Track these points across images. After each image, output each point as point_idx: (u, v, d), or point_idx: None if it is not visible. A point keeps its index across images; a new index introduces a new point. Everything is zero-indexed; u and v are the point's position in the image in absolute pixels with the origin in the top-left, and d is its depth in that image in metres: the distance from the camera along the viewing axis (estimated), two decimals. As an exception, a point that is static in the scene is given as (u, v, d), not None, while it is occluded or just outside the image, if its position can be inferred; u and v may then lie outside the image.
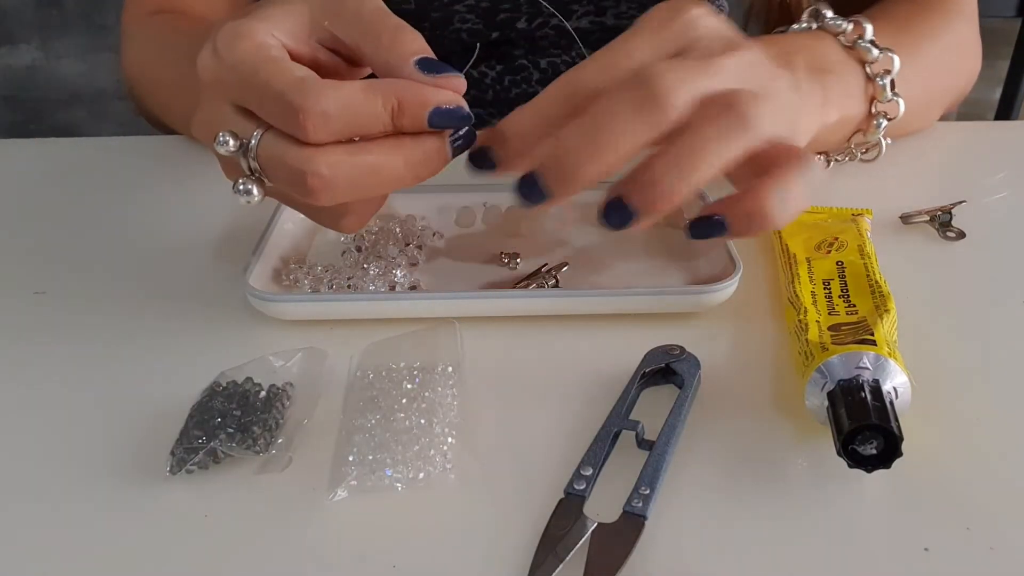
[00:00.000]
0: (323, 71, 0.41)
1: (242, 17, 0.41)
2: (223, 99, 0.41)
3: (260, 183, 0.41)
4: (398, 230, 0.54)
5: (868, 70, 0.54)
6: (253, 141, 0.39)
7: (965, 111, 0.69)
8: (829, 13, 0.54)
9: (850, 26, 0.53)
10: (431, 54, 0.40)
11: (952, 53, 0.64)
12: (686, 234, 0.41)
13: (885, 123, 0.55)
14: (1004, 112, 1.21)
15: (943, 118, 0.68)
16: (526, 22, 0.75)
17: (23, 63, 1.98)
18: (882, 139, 0.57)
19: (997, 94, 1.23)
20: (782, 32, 0.56)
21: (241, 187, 0.40)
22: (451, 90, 0.40)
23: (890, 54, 0.53)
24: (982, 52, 0.67)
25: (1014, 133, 0.75)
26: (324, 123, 0.37)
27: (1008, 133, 0.75)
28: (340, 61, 0.43)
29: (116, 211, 0.61)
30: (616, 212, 0.39)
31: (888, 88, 0.54)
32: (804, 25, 0.55)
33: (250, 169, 0.40)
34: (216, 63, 0.40)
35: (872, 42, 0.53)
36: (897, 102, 0.54)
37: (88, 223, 0.59)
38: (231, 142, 0.39)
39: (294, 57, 0.41)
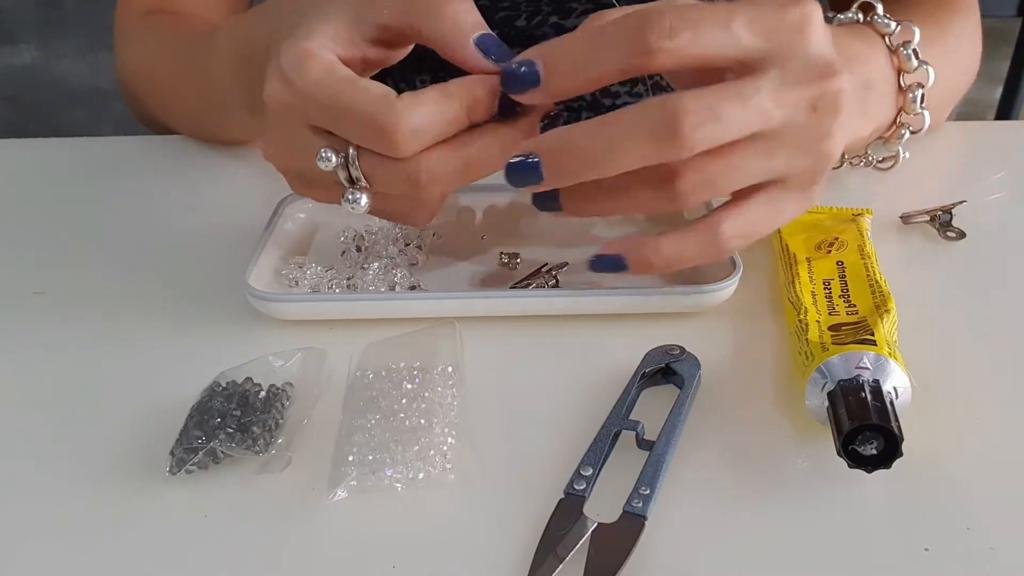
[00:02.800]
0: (372, 65, 0.43)
1: (293, 34, 0.41)
2: (298, 123, 0.42)
3: (366, 191, 0.42)
4: (398, 230, 0.54)
5: (902, 80, 0.53)
6: (353, 151, 0.41)
7: (965, 111, 0.69)
8: (880, 8, 0.53)
9: (898, 28, 0.53)
10: (486, 27, 0.42)
11: (963, 53, 0.63)
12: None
13: (908, 134, 0.55)
14: (1004, 112, 1.21)
15: (940, 118, 0.68)
16: (525, 20, 0.75)
17: (23, 63, 1.98)
18: (900, 149, 0.57)
19: (997, 94, 1.23)
20: (831, 22, 0.54)
21: (351, 197, 0.42)
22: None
23: (927, 68, 0.53)
24: (982, 52, 0.67)
25: (1014, 133, 0.75)
26: (415, 139, 0.39)
27: (1008, 133, 0.75)
28: (383, 50, 0.44)
29: (116, 211, 0.61)
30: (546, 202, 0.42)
31: (917, 101, 0.53)
32: (851, 15, 0.54)
33: (351, 179, 0.42)
34: (289, 91, 0.41)
35: (915, 51, 0.52)
36: (923, 115, 0.54)
37: (88, 223, 0.59)
38: (333, 158, 0.41)
39: (346, 63, 0.41)
